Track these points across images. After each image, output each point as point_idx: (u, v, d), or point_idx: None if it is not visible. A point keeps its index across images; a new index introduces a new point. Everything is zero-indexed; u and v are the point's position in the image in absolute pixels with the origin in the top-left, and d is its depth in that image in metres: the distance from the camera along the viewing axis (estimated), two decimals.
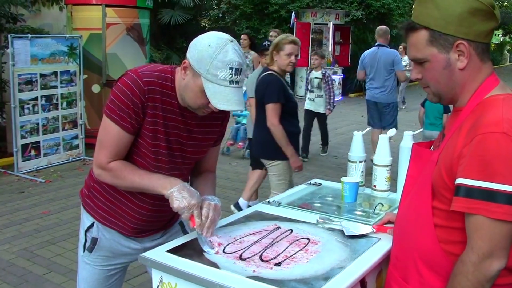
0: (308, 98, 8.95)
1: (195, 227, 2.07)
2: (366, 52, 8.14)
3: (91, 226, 2.37)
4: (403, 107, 14.73)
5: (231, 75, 1.95)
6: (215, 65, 1.93)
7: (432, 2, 1.63)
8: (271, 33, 8.75)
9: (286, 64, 4.46)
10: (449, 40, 1.63)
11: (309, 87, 8.92)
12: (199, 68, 1.97)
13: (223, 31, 2.09)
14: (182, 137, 2.19)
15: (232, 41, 1.99)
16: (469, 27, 1.60)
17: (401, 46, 13.95)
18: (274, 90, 4.40)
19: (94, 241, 2.36)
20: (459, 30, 1.61)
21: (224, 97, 1.96)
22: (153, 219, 2.33)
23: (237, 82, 1.98)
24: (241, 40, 9.40)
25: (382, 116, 8.01)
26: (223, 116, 2.32)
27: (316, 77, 8.68)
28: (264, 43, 6.23)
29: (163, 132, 2.13)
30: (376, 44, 8.05)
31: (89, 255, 2.39)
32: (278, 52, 4.47)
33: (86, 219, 2.40)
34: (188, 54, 2.02)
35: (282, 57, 4.46)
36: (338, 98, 17.25)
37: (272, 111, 4.38)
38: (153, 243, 2.34)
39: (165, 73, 2.13)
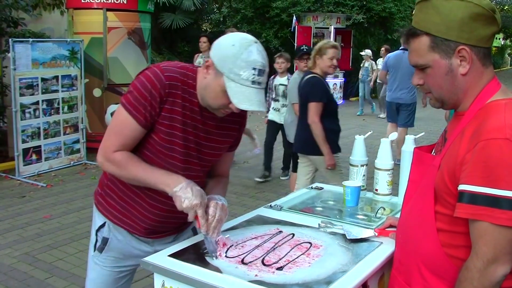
0: (273, 107, 7.55)
1: (200, 228, 2.06)
2: (391, 54, 8.72)
3: (103, 226, 2.35)
4: (383, 116, 12.98)
5: (254, 76, 1.93)
6: (238, 65, 1.92)
7: (433, 8, 1.63)
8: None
9: (329, 66, 4.90)
10: (451, 46, 1.62)
11: (273, 95, 7.56)
12: (222, 67, 1.95)
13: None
14: (200, 137, 2.17)
15: (256, 42, 1.99)
16: (470, 32, 1.60)
17: (383, 48, 13.98)
18: (318, 90, 4.85)
19: (105, 241, 2.34)
20: (460, 35, 1.60)
21: (246, 97, 1.94)
22: (166, 219, 2.29)
23: (259, 83, 1.97)
24: (199, 43, 8.42)
25: (400, 115, 8.52)
26: (241, 120, 2.31)
27: (281, 84, 7.44)
28: (302, 47, 6.46)
29: (181, 129, 2.10)
30: (400, 48, 8.60)
31: (99, 256, 2.37)
32: (321, 56, 4.92)
33: (98, 219, 2.37)
34: (211, 53, 2.01)
35: (325, 60, 4.90)
36: (339, 102, 17.30)
37: (314, 108, 4.79)
38: (164, 246, 2.27)
39: (187, 70, 2.12)
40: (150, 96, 2.02)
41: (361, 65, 15.82)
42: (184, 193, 2.01)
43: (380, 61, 14.06)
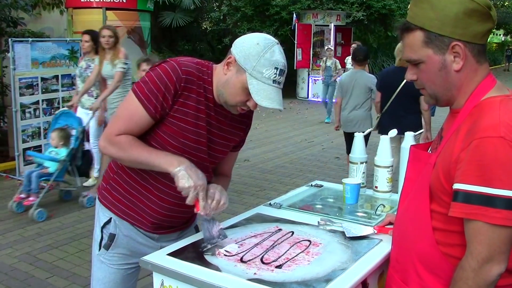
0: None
1: (199, 211, 2.05)
2: None
3: (108, 222, 2.32)
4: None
5: (275, 75, 1.99)
6: (262, 63, 1.98)
7: (427, 3, 1.62)
8: (103, 32, 6.41)
9: None
10: (445, 42, 1.61)
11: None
12: (245, 64, 2.00)
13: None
14: (213, 133, 2.19)
15: (277, 43, 2.05)
16: (465, 28, 1.59)
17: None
18: None
19: (112, 237, 2.31)
20: (454, 31, 1.60)
21: (267, 95, 1.99)
22: (173, 213, 2.28)
23: (279, 83, 2.02)
24: (81, 42, 6.99)
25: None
26: (248, 121, 2.36)
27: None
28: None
29: (193, 124, 2.12)
30: None
31: (106, 253, 2.34)
32: None
33: (102, 215, 2.35)
34: (233, 50, 2.05)
35: None
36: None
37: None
38: (169, 243, 2.25)
39: (202, 66, 2.15)
40: (165, 89, 2.04)
41: (322, 63, 13.72)
42: (188, 173, 2.02)
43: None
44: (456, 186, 1.54)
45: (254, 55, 1.98)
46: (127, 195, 2.27)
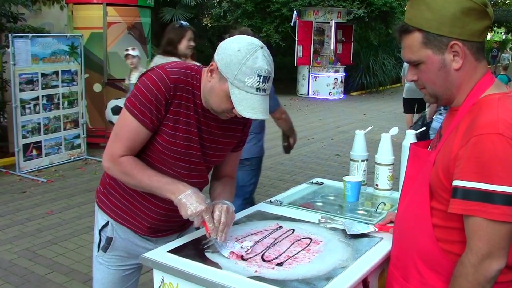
0: None
1: (209, 234, 2.03)
2: None
3: (106, 225, 2.33)
4: None
5: (258, 83, 1.90)
6: (243, 71, 1.89)
7: (424, 4, 1.62)
8: None
9: None
10: (443, 41, 1.62)
11: None
12: (226, 72, 1.92)
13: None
14: (203, 138, 2.16)
15: (262, 47, 1.94)
16: (462, 27, 1.59)
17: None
18: None
19: (109, 240, 2.32)
20: (452, 30, 1.60)
21: (250, 105, 1.92)
22: (169, 218, 2.28)
23: (264, 90, 1.93)
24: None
25: None
26: (245, 121, 2.29)
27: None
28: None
29: (183, 130, 2.09)
30: None
31: (104, 255, 2.35)
32: None
33: (101, 218, 2.36)
34: (216, 57, 1.97)
35: None
36: (340, 96, 17.30)
37: None
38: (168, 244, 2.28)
39: (191, 71, 2.10)
40: (156, 100, 2.00)
41: (126, 80, 7.61)
42: (189, 201, 2.00)
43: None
44: (455, 183, 1.55)
45: (236, 63, 1.89)
46: (123, 201, 2.27)
